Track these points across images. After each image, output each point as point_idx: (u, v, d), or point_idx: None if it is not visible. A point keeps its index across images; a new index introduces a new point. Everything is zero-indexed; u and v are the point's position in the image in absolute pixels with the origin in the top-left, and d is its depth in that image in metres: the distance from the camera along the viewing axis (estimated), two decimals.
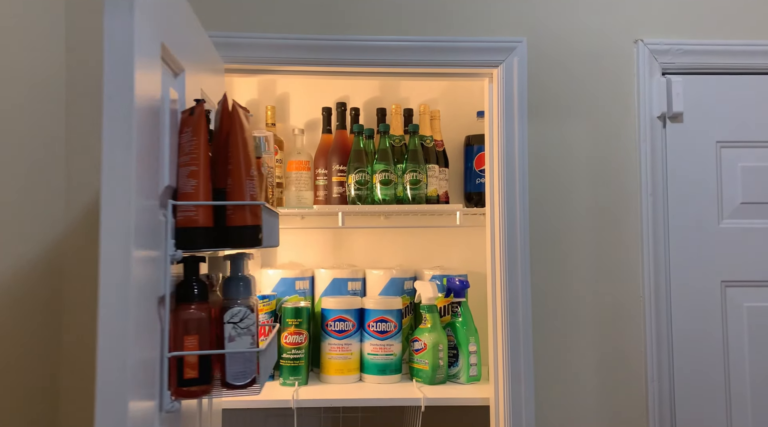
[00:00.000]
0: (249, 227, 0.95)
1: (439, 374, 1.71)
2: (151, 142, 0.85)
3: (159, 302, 0.88)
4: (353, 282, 1.88)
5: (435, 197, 1.85)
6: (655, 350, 1.46)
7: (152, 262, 0.85)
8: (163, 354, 0.89)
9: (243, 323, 0.96)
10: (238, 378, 0.95)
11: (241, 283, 1.02)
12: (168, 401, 0.89)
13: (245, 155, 0.96)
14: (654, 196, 1.49)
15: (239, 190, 0.96)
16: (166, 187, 0.91)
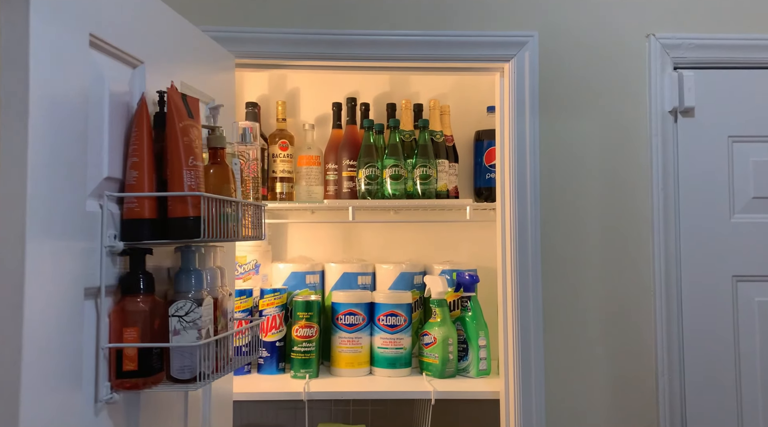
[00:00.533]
0: (189, 219, 0.93)
1: (448, 368, 1.72)
2: (73, 135, 0.84)
3: (95, 294, 0.89)
4: (363, 276, 1.89)
5: (445, 192, 1.86)
6: (665, 344, 1.46)
7: (77, 253, 0.85)
8: (99, 345, 0.89)
9: (189, 317, 0.94)
10: (182, 373, 0.94)
11: (191, 276, 1.00)
12: (106, 392, 0.90)
13: (185, 145, 0.94)
14: (665, 190, 1.49)
15: (177, 181, 0.94)
16: (106, 178, 0.92)
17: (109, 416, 0.91)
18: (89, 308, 0.89)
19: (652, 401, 1.46)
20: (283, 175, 1.87)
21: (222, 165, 1.05)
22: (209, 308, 0.98)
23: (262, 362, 1.76)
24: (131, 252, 0.94)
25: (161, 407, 1.06)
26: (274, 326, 1.75)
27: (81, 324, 0.86)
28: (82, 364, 0.86)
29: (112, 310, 0.92)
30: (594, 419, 1.47)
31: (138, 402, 0.99)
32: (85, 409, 0.86)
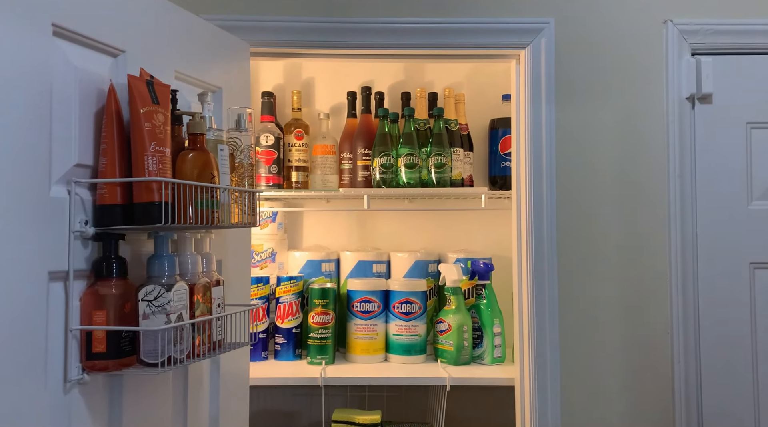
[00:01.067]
0: (154, 204, 0.94)
1: (463, 355, 1.73)
2: (33, 122, 0.86)
3: (63, 277, 0.91)
4: (378, 265, 1.90)
5: (459, 181, 1.86)
6: (681, 331, 1.46)
7: (39, 238, 0.87)
8: (68, 327, 0.92)
9: (157, 302, 0.95)
10: (150, 356, 0.95)
11: (163, 261, 1.01)
12: (76, 373, 0.92)
13: (147, 131, 0.95)
14: (682, 178, 1.48)
15: (141, 167, 0.94)
16: (76, 165, 0.93)
17: (81, 396, 0.94)
18: (57, 290, 0.91)
19: (668, 388, 1.46)
20: (299, 165, 1.88)
21: (200, 151, 1.04)
22: (182, 293, 0.99)
23: (278, 349, 1.78)
24: (103, 237, 0.96)
25: (151, 390, 1.08)
26: (291, 313, 1.78)
27: (45, 306, 0.88)
28: (47, 345, 0.88)
29: (84, 293, 0.94)
30: (609, 406, 1.47)
31: (120, 385, 1.01)
32: (52, 390, 0.88)
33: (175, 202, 0.95)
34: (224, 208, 1.08)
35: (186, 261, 1.08)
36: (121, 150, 0.96)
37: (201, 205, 1.01)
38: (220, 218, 1.06)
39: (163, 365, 0.95)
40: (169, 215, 0.93)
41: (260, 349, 1.77)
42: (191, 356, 1.02)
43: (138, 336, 0.96)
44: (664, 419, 1.46)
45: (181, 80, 1.19)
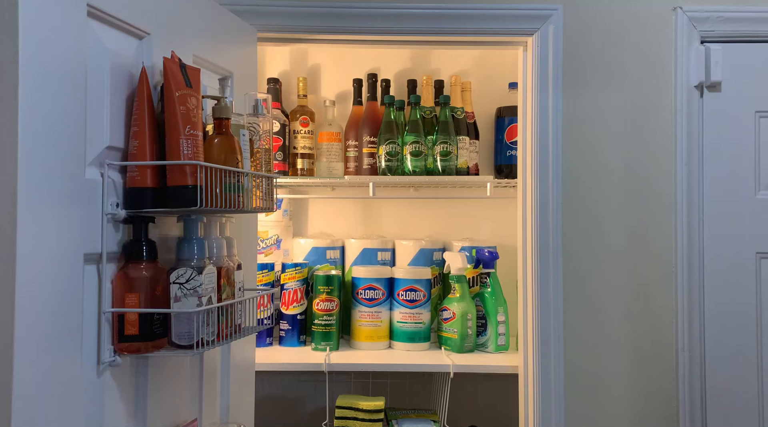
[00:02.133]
0: (188, 187, 0.94)
1: (467, 343, 1.74)
2: (70, 104, 0.86)
3: (96, 260, 0.91)
4: (383, 252, 1.90)
5: (465, 169, 1.86)
6: (686, 320, 1.46)
7: (76, 219, 0.87)
8: (101, 310, 0.92)
9: (189, 285, 0.95)
10: (182, 338, 0.96)
11: (193, 244, 1.01)
12: (108, 355, 0.93)
13: (182, 114, 0.95)
14: (689, 166, 1.48)
15: (175, 150, 0.94)
16: (107, 147, 0.93)
17: (112, 377, 0.94)
18: (90, 273, 0.91)
19: (672, 376, 1.47)
20: (304, 152, 1.88)
21: (227, 135, 1.05)
22: (211, 277, 1.00)
23: (283, 335, 1.79)
24: (134, 220, 0.96)
25: (172, 374, 1.09)
26: (296, 300, 1.78)
27: (81, 288, 0.88)
28: (83, 327, 0.88)
29: (115, 276, 0.95)
30: (613, 394, 1.48)
31: (146, 367, 1.02)
32: (86, 370, 0.89)
33: (206, 186, 0.95)
34: (247, 193, 1.09)
35: (213, 245, 1.09)
36: (152, 133, 0.96)
37: (228, 189, 1.02)
38: (244, 202, 1.07)
39: (197, 347, 0.95)
40: (202, 199, 0.94)
41: (265, 335, 1.78)
42: (219, 338, 1.02)
43: (169, 319, 0.97)
44: (667, 407, 1.46)
45: (198, 65, 1.19)
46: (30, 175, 0.79)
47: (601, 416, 1.47)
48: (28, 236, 0.78)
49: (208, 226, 1.10)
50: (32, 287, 0.79)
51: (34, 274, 0.79)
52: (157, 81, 1.01)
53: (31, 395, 0.79)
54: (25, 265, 0.77)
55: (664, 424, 1.46)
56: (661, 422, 1.47)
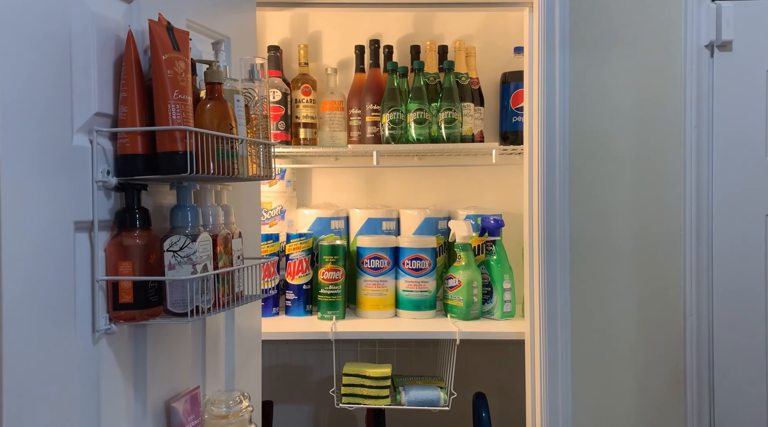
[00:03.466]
0: (177, 153, 0.92)
1: (473, 310, 1.74)
2: (54, 69, 0.84)
3: (88, 228, 0.90)
4: (387, 222, 1.89)
5: (470, 136, 1.83)
6: (694, 284, 1.45)
7: (64, 187, 0.86)
8: (94, 278, 0.91)
9: (183, 252, 0.94)
10: (177, 306, 0.95)
11: (187, 212, 1.00)
12: (103, 323, 0.92)
13: (170, 78, 0.92)
14: (699, 128, 1.45)
15: (164, 115, 0.92)
16: (96, 114, 0.91)
17: (109, 345, 0.94)
18: (82, 241, 0.90)
19: (680, 341, 1.46)
20: (306, 121, 1.86)
21: (219, 101, 1.02)
22: (206, 244, 0.98)
23: (289, 305, 1.80)
24: (125, 188, 0.95)
25: (172, 342, 1.09)
26: (301, 270, 1.78)
27: (72, 256, 0.87)
28: (76, 296, 0.88)
29: (108, 244, 0.94)
30: (620, 358, 1.48)
31: (144, 336, 1.02)
32: (81, 339, 0.89)
33: (197, 152, 0.93)
34: (243, 160, 1.07)
35: (208, 213, 1.07)
36: (141, 99, 0.94)
37: (221, 156, 1.00)
38: (239, 169, 1.05)
39: (192, 315, 0.95)
40: (193, 165, 0.92)
41: (271, 305, 1.79)
42: (216, 306, 1.02)
43: (164, 287, 0.96)
44: (675, 371, 1.46)
45: (192, 29, 1.16)
46: (13, 142, 0.77)
47: (607, 380, 1.48)
48: (13, 203, 0.77)
49: (202, 193, 1.08)
50: (20, 256, 0.78)
51: (22, 242, 0.78)
52: (147, 46, 0.99)
53: (23, 365, 0.78)
54: (11, 233, 0.76)
55: (672, 388, 1.47)
56: (669, 386, 1.47)
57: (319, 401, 2.03)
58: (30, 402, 0.79)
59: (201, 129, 0.95)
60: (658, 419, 1.47)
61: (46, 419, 0.82)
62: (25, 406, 0.79)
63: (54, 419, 0.83)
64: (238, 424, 1.12)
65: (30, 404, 0.79)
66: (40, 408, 0.81)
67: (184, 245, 0.95)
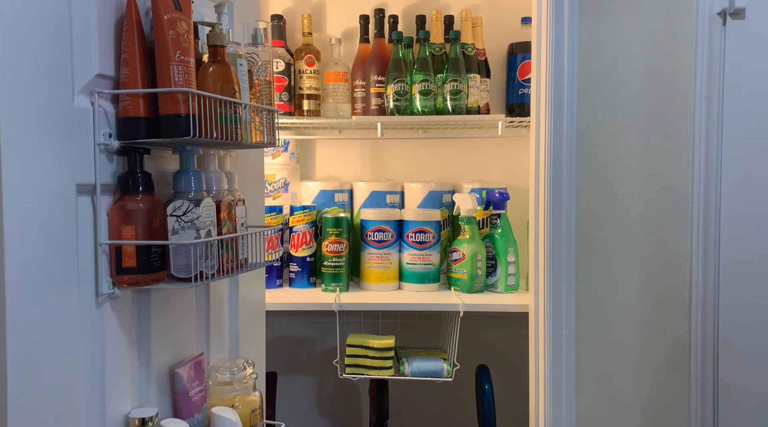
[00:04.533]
0: (180, 116, 0.90)
1: (477, 284, 1.73)
2: (53, 28, 0.82)
3: (90, 191, 0.89)
4: (391, 195, 1.88)
5: (476, 109, 1.81)
6: (701, 257, 1.43)
7: (66, 148, 0.84)
8: (97, 241, 0.90)
9: (186, 217, 0.93)
10: (181, 271, 0.94)
11: (190, 176, 0.98)
12: (107, 287, 0.91)
13: (172, 39, 0.91)
14: (709, 99, 1.42)
15: (166, 77, 0.90)
16: (97, 75, 0.90)
17: (112, 310, 0.94)
18: (84, 204, 0.89)
19: (685, 315, 1.46)
20: (310, 92, 1.84)
21: (222, 64, 1.00)
22: (209, 210, 0.97)
23: (293, 277, 1.79)
24: (128, 151, 0.94)
25: (176, 309, 1.09)
26: (305, 242, 1.78)
27: (75, 220, 0.86)
28: (79, 259, 0.87)
29: (111, 208, 0.93)
30: (625, 330, 1.47)
31: (148, 301, 1.01)
32: (84, 303, 0.88)
33: (200, 115, 0.92)
34: (246, 126, 1.05)
35: (211, 178, 1.06)
36: (143, 60, 0.92)
37: (224, 120, 0.98)
38: (243, 135, 1.03)
39: (196, 280, 0.94)
40: (195, 129, 0.90)
41: (275, 277, 1.79)
42: (220, 272, 1.01)
43: (168, 251, 0.96)
44: (679, 345, 1.46)
45: None
46: (13, 101, 0.76)
47: (612, 352, 1.48)
48: (15, 163, 0.76)
49: (205, 159, 1.07)
50: (22, 217, 0.77)
51: (24, 204, 0.77)
52: (148, 7, 0.97)
53: (26, 329, 0.78)
54: (13, 193, 0.75)
55: (676, 361, 1.46)
56: (673, 358, 1.47)
57: (322, 372, 2.04)
58: (33, 366, 0.79)
59: (204, 92, 0.94)
60: (663, 390, 1.47)
61: (50, 383, 0.82)
62: (29, 369, 0.78)
63: (58, 383, 0.83)
64: (242, 391, 1.13)
65: (34, 368, 0.79)
66: (43, 372, 0.81)
67: (188, 210, 0.94)
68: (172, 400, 1.07)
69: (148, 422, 0.95)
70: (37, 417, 0.79)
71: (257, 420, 1.13)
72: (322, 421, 2.06)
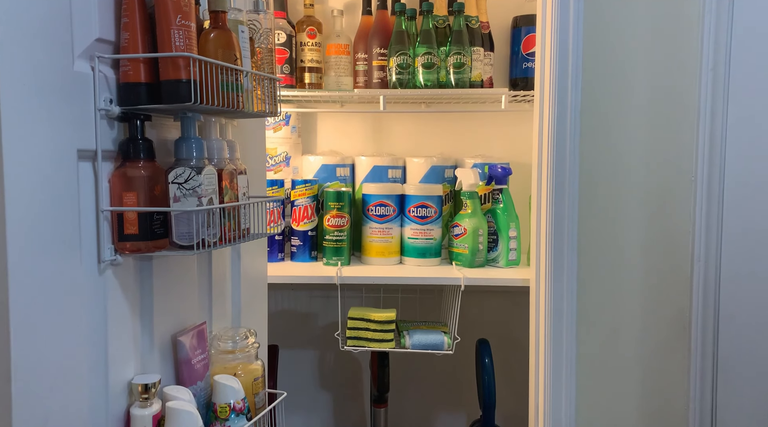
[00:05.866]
0: (181, 81, 0.89)
1: (478, 258, 1.74)
2: None
3: (92, 157, 0.89)
4: (393, 170, 1.87)
5: (479, 82, 1.79)
6: (704, 230, 1.43)
7: (66, 113, 0.84)
8: (99, 208, 0.90)
9: (188, 184, 0.93)
10: (183, 238, 0.95)
11: (191, 143, 0.98)
12: (109, 254, 0.92)
13: (173, 3, 0.90)
14: (715, 71, 1.40)
15: (167, 41, 0.90)
16: (97, 40, 0.89)
17: (115, 277, 0.94)
18: (86, 170, 0.89)
19: (686, 287, 1.46)
20: (312, 65, 1.82)
21: (223, 30, 0.99)
22: (211, 178, 0.97)
23: (294, 251, 1.80)
24: (129, 118, 0.93)
25: (179, 277, 1.09)
26: (306, 216, 1.77)
27: (76, 185, 0.86)
28: (81, 226, 0.87)
29: (112, 174, 0.93)
30: (626, 304, 1.48)
31: (150, 269, 1.02)
32: (87, 269, 0.88)
33: (201, 81, 0.91)
34: (248, 94, 1.04)
35: (213, 146, 1.06)
36: (143, 24, 0.91)
37: (226, 87, 0.97)
38: (244, 103, 1.03)
39: (198, 248, 0.94)
40: (197, 94, 0.90)
41: (276, 250, 1.79)
42: (223, 240, 1.01)
43: (170, 219, 0.95)
44: (680, 317, 1.46)
45: None
46: (13, 65, 0.75)
47: (612, 326, 1.48)
48: (15, 128, 0.75)
49: (206, 127, 1.06)
50: (24, 182, 0.77)
51: (25, 168, 0.77)
52: None
53: (30, 294, 0.78)
54: (13, 157, 0.75)
55: (677, 334, 1.47)
56: (674, 331, 1.47)
57: (324, 346, 2.06)
58: (37, 330, 0.79)
59: (205, 57, 0.92)
60: (663, 363, 1.48)
61: (53, 348, 0.82)
62: (33, 334, 0.79)
63: (61, 348, 0.84)
64: (245, 359, 1.14)
65: (37, 333, 0.80)
66: (47, 336, 0.81)
67: (190, 177, 0.94)
68: (174, 368, 1.08)
69: (152, 388, 0.95)
70: (41, 381, 0.80)
71: (259, 388, 1.14)
72: (323, 393, 2.08)
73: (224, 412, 1.04)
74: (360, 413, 2.08)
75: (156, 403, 0.96)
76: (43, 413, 0.80)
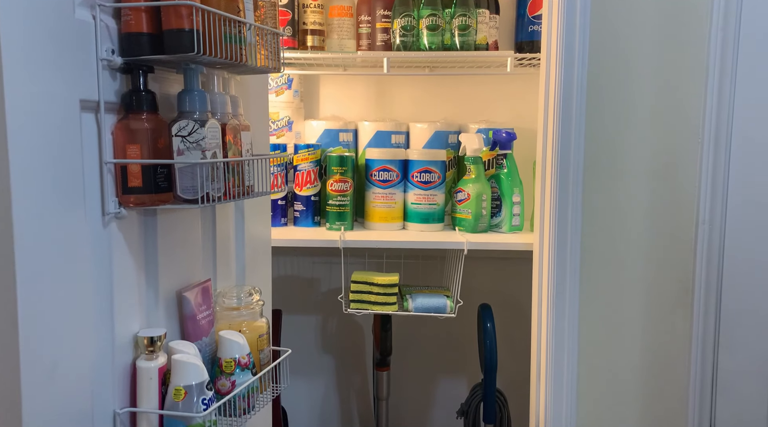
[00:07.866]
0: (183, 31, 0.88)
1: (481, 223, 1.73)
2: None
3: (94, 108, 0.88)
4: (397, 135, 1.86)
5: (484, 46, 1.76)
6: (709, 193, 1.42)
7: (68, 62, 0.82)
8: (102, 160, 0.89)
9: (192, 137, 0.92)
10: (187, 192, 0.94)
11: (194, 96, 0.97)
12: (113, 206, 0.91)
13: None
14: (725, 31, 1.38)
15: None
16: None
17: (119, 230, 0.93)
18: (88, 121, 0.87)
19: (690, 251, 1.45)
20: (314, 28, 1.79)
21: None
22: (215, 131, 0.96)
23: (297, 216, 1.79)
24: (131, 69, 0.92)
25: (184, 234, 1.08)
26: (309, 181, 1.77)
27: (79, 137, 0.85)
28: (84, 178, 0.86)
29: (115, 126, 0.91)
30: (629, 268, 1.47)
31: (155, 224, 1.01)
32: (91, 222, 0.88)
33: (204, 32, 0.89)
34: (251, 49, 1.03)
35: (216, 99, 1.04)
36: None
37: (229, 39, 0.96)
38: (247, 57, 1.01)
39: (202, 201, 0.94)
40: (200, 45, 0.88)
41: (279, 215, 1.78)
42: (227, 195, 1.01)
43: (173, 173, 0.95)
44: (684, 280, 1.46)
45: None
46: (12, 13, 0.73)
47: (616, 289, 1.48)
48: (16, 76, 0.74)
49: (209, 80, 1.05)
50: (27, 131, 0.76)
51: (28, 117, 0.76)
52: None
53: (34, 246, 0.77)
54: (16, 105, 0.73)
55: (680, 298, 1.47)
56: (677, 294, 1.47)
57: (327, 311, 2.07)
58: (42, 282, 0.79)
59: (207, 6, 0.91)
60: (666, 329, 1.49)
61: (59, 300, 0.82)
62: (38, 286, 0.78)
63: (67, 301, 0.84)
64: (249, 316, 1.14)
65: (43, 284, 0.79)
66: (53, 289, 0.81)
67: (193, 130, 0.93)
68: (180, 323, 1.08)
69: (157, 341, 0.96)
70: (48, 333, 0.80)
71: (264, 345, 1.15)
72: (326, 357, 2.10)
73: (229, 366, 1.05)
74: (363, 376, 2.11)
75: (162, 356, 0.97)
76: (52, 359, 0.80)
